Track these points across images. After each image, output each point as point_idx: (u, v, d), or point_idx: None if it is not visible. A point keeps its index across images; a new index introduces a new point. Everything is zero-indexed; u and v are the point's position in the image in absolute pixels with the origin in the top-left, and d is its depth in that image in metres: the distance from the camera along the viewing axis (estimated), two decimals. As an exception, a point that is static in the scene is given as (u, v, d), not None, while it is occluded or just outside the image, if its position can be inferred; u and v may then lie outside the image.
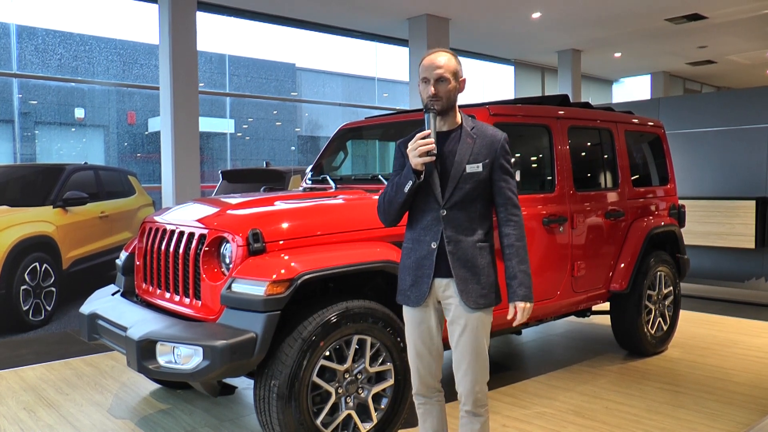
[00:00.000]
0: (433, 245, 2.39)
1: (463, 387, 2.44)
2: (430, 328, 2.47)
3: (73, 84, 8.76)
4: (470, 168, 2.37)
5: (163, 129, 7.61)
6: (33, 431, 3.55)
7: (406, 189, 2.34)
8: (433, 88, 2.35)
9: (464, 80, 2.44)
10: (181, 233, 3.28)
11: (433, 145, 2.27)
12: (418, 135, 2.31)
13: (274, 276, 2.78)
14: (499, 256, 2.46)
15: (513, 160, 2.50)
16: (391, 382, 3.14)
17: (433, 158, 2.29)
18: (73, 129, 8.97)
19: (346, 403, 3.02)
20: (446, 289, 2.41)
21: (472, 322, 2.39)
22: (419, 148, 2.27)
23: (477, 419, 2.46)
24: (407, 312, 2.51)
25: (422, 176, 2.33)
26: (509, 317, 2.42)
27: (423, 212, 2.42)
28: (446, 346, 2.56)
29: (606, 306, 4.91)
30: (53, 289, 6.17)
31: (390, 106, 12.03)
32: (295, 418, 2.82)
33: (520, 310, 2.39)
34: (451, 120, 2.44)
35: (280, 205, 3.37)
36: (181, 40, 7.48)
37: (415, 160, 2.29)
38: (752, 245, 7.04)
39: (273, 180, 6.38)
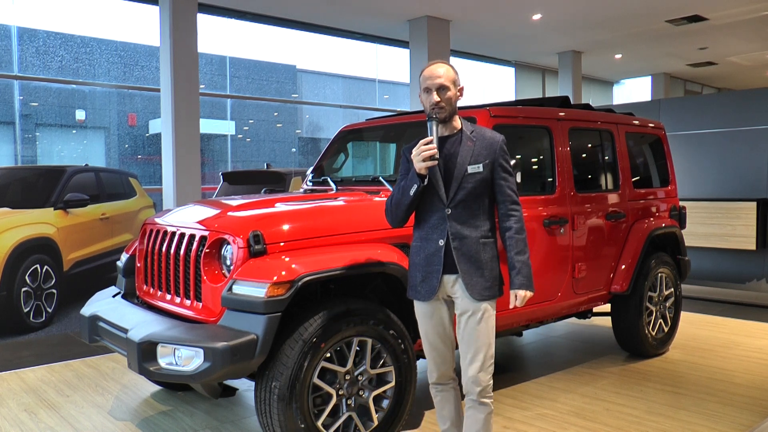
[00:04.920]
0: (441, 242, 2.57)
1: (469, 375, 2.58)
2: (442, 319, 2.66)
3: (74, 86, 8.77)
4: (471, 168, 2.55)
5: (164, 131, 7.61)
6: (34, 433, 3.56)
7: (412, 192, 2.52)
8: (436, 97, 2.52)
9: (462, 88, 2.64)
10: (182, 235, 3.28)
11: (436, 150, 2.44)
12: (421, 141, 2.47)
13: (275, 278, 2.78)
14: (502, 250, 2.64)
15: (513, 162, 2.69)
16: (392, 383, 3.14)
17: (436, 162, 2.46)
18: (74, 131, 8.98)
19: (347, 404, 3.02)
20: (454, 285, 2.59)
21: (477, 313, 2.56)
22: (422, 153, 2.44)
23: (482, 408, 2.59)
24: (419, 306, 2.69)
25: (426, 180, 2.51)
26: (510, 306, 2.63)
27: (429, 212, 2.60)
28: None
29: (607, 307, 4.90)
30: (54, 290, 6.17)
31: (391, 108, 12.03)
32: (296, 419, 2.82)
33: (520, 298, 2.58)
34: (452, 125, 2.62)
35: (280, 207, 3.37)
36: (181, 42, 7.49)
37: (419, 165, 2.46)
38: (753, 247, 7.03)
39: (274, 182, 6.38)
